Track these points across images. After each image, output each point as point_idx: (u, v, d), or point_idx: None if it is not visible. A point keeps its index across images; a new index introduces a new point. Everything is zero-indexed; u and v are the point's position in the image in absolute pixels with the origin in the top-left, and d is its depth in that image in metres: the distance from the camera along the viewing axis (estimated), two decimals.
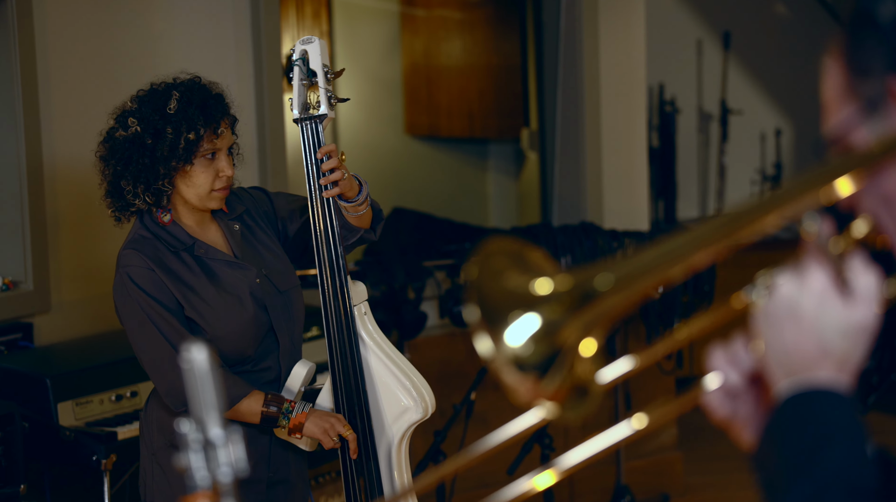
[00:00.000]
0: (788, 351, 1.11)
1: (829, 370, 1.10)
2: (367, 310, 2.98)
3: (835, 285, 1.10)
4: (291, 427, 2.80)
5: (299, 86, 2.93)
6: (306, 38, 2.94)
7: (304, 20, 7.23)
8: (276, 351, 2.89)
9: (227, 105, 2.84)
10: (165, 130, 2.74)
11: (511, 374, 1.13)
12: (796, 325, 1.11)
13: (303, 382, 2.90)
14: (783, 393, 1.11)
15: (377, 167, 7.56)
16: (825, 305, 1.10)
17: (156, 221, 2.81)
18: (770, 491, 1.09)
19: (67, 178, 4.22)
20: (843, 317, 1.10)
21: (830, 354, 1.10)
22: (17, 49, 4.02)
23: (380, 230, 3.05)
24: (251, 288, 2.85)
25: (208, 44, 4.65)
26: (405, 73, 7.65)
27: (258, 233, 2.95)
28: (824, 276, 1.11)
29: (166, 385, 2.75)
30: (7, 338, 3.97)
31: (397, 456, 2.94)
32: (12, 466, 3.35)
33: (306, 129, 2.92)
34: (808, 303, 1.10)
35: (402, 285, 4.89)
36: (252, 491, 2.85)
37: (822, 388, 1.10)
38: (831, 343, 1.10)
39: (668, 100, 7.22)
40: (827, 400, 1.09)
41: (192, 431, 1.10)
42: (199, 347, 1.11)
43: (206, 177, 2.78)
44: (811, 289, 1.11)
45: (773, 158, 7.51)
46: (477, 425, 4.33)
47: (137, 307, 2.75)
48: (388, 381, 2.94)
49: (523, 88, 6.62)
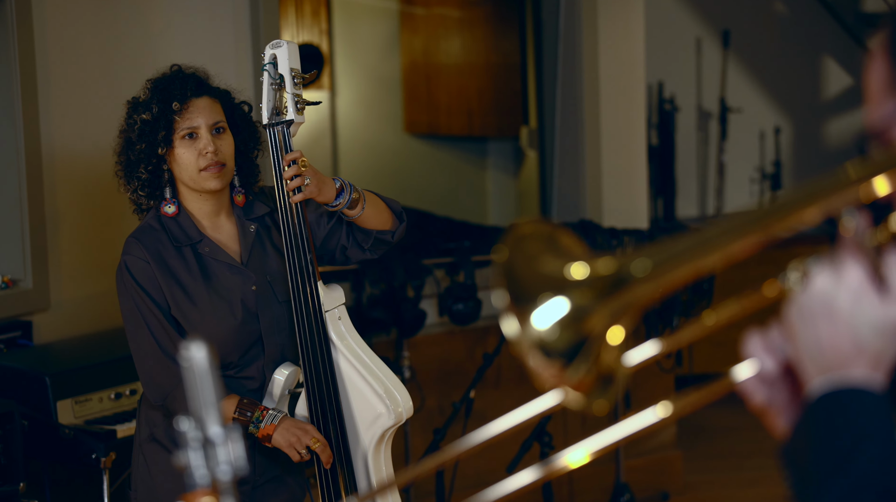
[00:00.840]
0: (822, 347, 1.10)
1: (863, 368, 1.09)
2: (342, 315, 2.92)
3: (871, 281, 1.09)
4: (260, 436, 2.78)
5: (269, 90, 2.89)
6: (276, 42, 2.90)
7: (304, 18, 7.23)
8: (259, 359, 2.87)
9: (198, 84, 2.82)
10: (133, 118, 2.80)
11: (535, 358, 1.11)
12: (831, 321, 1.09)
13: (286, 385, 2.86)
14: (816, 390, 1.10)
15: (376, 165, 7.56)
16: (861, 302, 1.08)
17: (161, 214, 2.83)
18: (800, 490, 1.08)
19: (67, 176, 4.21)
20: (879, 315, 1.08)
21: (865, 352, 1.08)
22: (17, 46, 4.01)
23: (400, 232, 3.00)
24: (244, 295, 2.83)
25: (207, 41, 4.65)
26: (404, 71, 7.64)
27: (275, 236, 2.93)
28: (861, 272, 1.09)
29: (146, 376, 2.79)
30: (6, 336, 3.97)
31: (375, 462, 2.89)
32: (12, 464, 3.35)
33: (275, 135, 2.89)
34: (843, 298, 1.09)
35: (401, 283, 4.88)
36: (238, 492, 2.83)
37: (856, 387, 1.08)
38: (866, 340, 1.08)
39: (667, 98, 7.21)
40: (861, 399, 1.07)
41: (191, 429, 1.10)
42: (199, 345, 1.10)
43: (190, 156, 2.77)
44: (847, 284, 1.09)
45: (773, 156, 7.51)
46: (476, 423, 4.31)
47: (129, 296, 2.78)
48: (361, 387, 2.87)
49: (522, 86, 6.61)
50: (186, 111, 2.77)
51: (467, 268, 5.04)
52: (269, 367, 2.87)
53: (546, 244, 1.16)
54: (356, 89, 7.50)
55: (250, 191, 2.95)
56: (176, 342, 2.74)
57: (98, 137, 4.02)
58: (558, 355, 1.12)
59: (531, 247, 1.16)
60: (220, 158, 2.78)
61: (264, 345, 2.85)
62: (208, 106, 2.81)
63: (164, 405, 2.77)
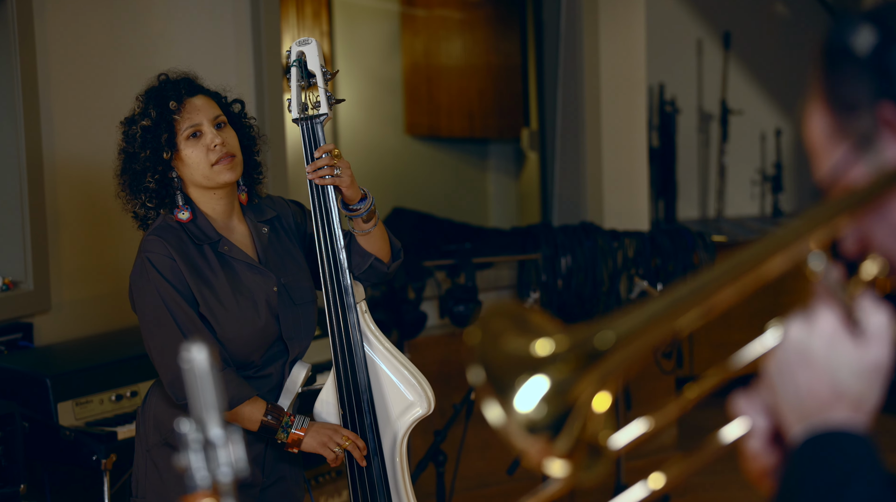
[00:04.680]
0: (801, 395, 1.09)
1: (844, 412, 1.08)
2: (366, 309, 3.00)
3: (845, 326, 1.08)
4: (290, 442, 2.80)
5: (297, 87, 2.93)
6: (303, 40, 2.95)
7: (305, 20, 7.23)
8: (283, 358, 2.88)
9: (189, 84, 2.83)
10: (132, 130, 2.79)
11: (523, 439, 1.11)
12: (808, 369, 1.09)
13: (300, 384, 2.90)
14: (799, 437, 1.09)
15: (377, 167, 7.56)
16: (836, 347, 1.08)
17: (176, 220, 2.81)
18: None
19: (67, 178, 4.22)
20: (855, 358, 1.08)
21: (844, 396, 1.08)
22: (18, 48, 4.01)
23: (394, 267, 3.02)
24: (268, 296, 2.83)
25: (208, 43, 4.65)
26: (405, 72, 7.65)
27: (285, 240, 2.94)
28: (834, 317, 1.08)
29: (171, 375, 2.72)
30: (7, 337, 3.97)
31: (400, 452, 2.97)
32: (12, 466, 3.35)
33: (306, 129, 2.93)
34: (818, 345, 1.08)
35: (402, 285, 4.89)
36: (246, 495, 2.84)
37: (838, 429, 1.07)
38: (845, 384, 1.08)
39: (668, 100, 7.22)
40: (843, 441, 1.07)
41: (193, 431, 1.10)
42: (200, 347, 1.10)
43: (199, 154, 2.77)
44: (821, 331, 1.08)
45: (774, 158, 7.51)
46: (477, 425, 4.32)
47: (155, 292, 2.73)
48: (393, 378, 2.96)
49: (523, 88, 6.62)
50: (185, 110, 2.78)
51: (468, 270, 5.04)
52: (289, 368, 2.89)
53: (515, 323, 1.16)
54: (357, 91, 7.50)
55: (254, 193, 2.95)
56: (206, 338, 2.73)
57: (99, 140, 4.03)
58: (544, 429, 1.11)
59: (500, 326, 1.15)
60: (229, 149, 2.79)
61: (287, 346, 2.86)
62: (205, 103, 2.82)
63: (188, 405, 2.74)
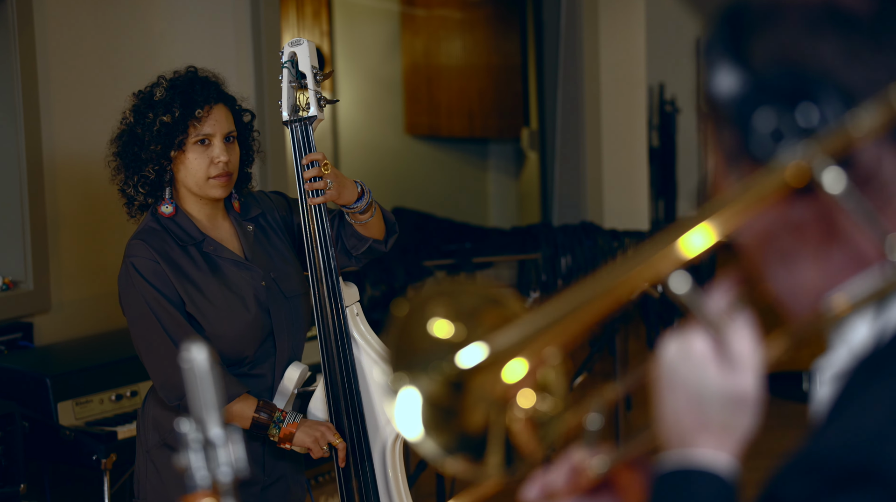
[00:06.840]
0: (670, 421, 1.04)
1: (709, 443, 1.02)
2: (359, 312, 2.96)
3: (715, 350, 1.01)
4: (282, 436, 2.79)
5: (288, 88, 2.91)
6: (295, 40, 2.93)
7: (305, 20, 7.23)
8: (272, 356, 2.88)
9: (218, 91, 2.81)
10: (148, 116, 2.76)
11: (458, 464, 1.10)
12: (676, 394, 1.03)
13: (296, 384, 2.88)
14: (664, 466, 1.04)
15: (377, 167, 7.56)
16: (703, 373, 1.01)
17: (158, 214, 2.81)
18: None
19: (67, 178, 4.22)
20: (720, 386, 1.01)
21: (709, 425, 1.01)
22: (18, 48, 4.01)
23: (391, 243, 3.03)
24: (256, 290, 2.84)
25: (208, 43, 4.65)
26: (405, 72, 7.65)
27: (272, 236, 2.94)
28: (703, 341, 1.02)
29: (162, 377, 2.73)
30: (7, 337, 3.97)
31: (392, 457, 2.93)
32: (12, 466, 3.35)
33: (296, 131, 2.92)
34: (685, 370, 1.02)
35: (402, 285, 4.89)
36: (247, 493, 2.84)
37: (699, 468, 1.01)
38: (709, 413, 1.01)
39: (668, 99, 7.22)
40: (700, 484, 1.01)
41: (192, 431, 1.10)
42: (199, 346, 1.11)
43: (201, 163, 2.77)
44: (690, 355, 1.02)
45: None
46: None
47: (140, 297, 2.73)
48: (382, 382, 2.94)
49: (523, 88, 6.62)
50: (205, 118, 2.77)
51: (468, 270, 5.04)
52: (281, 365, 2.88)
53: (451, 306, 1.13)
54: (357, 91, 7.50)
55: (241, 195, 2.96)
56: (193, 339, 2.72)
57: (99, 139, 4.02)
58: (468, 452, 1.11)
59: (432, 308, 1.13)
60: (230, 169, 2.80)
61: (276, 341, 2.86)
62: (225, 115, 2.81)
63: (181, 406, 2.75)
